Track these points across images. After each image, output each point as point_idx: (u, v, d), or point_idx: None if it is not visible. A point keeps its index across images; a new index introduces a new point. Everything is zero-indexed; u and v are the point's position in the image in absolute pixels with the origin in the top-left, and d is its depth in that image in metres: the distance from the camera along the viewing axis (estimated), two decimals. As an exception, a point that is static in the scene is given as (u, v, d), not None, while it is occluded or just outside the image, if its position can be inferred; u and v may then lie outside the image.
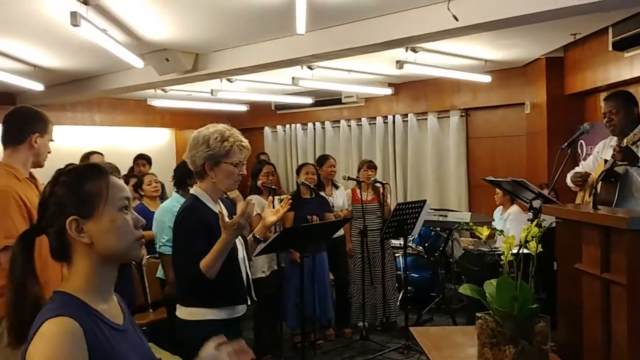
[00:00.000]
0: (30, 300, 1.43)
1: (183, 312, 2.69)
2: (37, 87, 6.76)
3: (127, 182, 5.49)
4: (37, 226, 1.49)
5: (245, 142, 2.75)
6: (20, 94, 8.30)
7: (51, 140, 3.08)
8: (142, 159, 7.63)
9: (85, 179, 1.47)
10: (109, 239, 1.45)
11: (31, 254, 1.48)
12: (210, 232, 2.60)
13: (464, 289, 2.42)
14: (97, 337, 1.37)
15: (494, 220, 6.43)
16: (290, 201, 3.05)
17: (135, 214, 1.54)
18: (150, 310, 5.24)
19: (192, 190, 2.77)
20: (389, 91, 8.55)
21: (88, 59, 6.21)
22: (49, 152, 3.09)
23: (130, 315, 1.60)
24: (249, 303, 2.81)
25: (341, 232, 5.79)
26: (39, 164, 3.05)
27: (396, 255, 6.56)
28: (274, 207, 5.08)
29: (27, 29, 4.96)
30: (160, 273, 4.83)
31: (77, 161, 6.37)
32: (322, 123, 10.10)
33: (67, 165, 5.24)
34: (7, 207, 2.80)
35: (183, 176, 4.52)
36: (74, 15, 3.96)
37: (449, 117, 8.50)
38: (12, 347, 1.42)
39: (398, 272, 6.39)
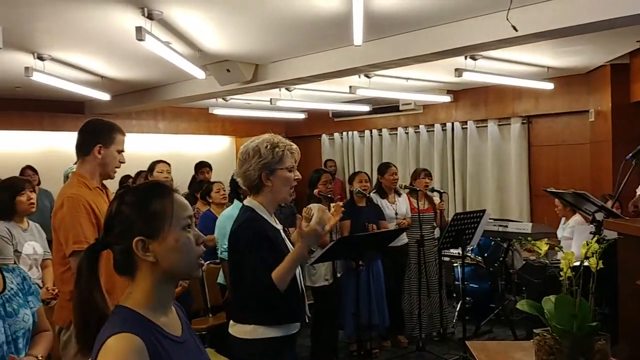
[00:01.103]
0: (95, 312, 1.48)
1: (240, 330, 2.57)
2: (104, 97, 7.03)
3: (196, 191, 5.63)
4: (103, 241, 1.52)
5: (295, 146, 2.70)
6: (88, 104, 8.65)
7: (119, 150, 3.11)
8: (206, 166, 7.84)
9: (151, 198, 1.49)
10: (173, 257, 1.48)
11: (96, 268, 1.52)
12: (270, 244, 2.56)
13: (522, 305, 2.38)
14: (158, 351, 1.40)
15: (557, 231, 6.26)
16: (342, 209, 2.96)
17: (197, 230, 1.56)
18: (210, 315, 5.35)
19: (246, 203, 2.68)
20: (447, 98, 8.46)
21: (152, 70, 6.43)
22: (121, 162, 3.14)
23: (188, 325, 1.63)
24: (307, 321, 2.75)
25: (404, 240, 5.75)
26: (107, 175, 3.12)
27: (454, 265, 6.47)
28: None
29: (96, 42, 5.19)
30: (221, 279, 4.93)
31: (144, 168, 6.63)
32: (379, 130, 10.09)
33: (139, 173, 5.35)
34: (77, 214, 2.90)
35: (236, 187, 4.61)
36: (139, 30, 4.11)
37: (509, 124, 8.35)
38: (81, 355, 1.49)
39: (456, 283, 6.30)
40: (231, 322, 2.63)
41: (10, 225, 3.98)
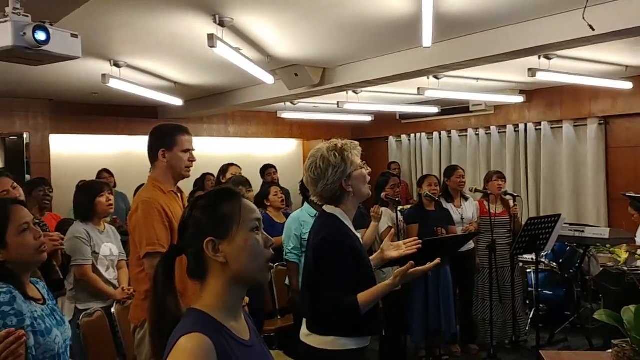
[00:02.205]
0: (169, 316, 1.54)
1: (317, 340, 2.54)
2: (177, 102, 7.23)
3: (266, 194, 5.71)
4: (178, 247, 1.60)
5: (355, 142, 2.68)
6: (162, 109, 8.93)
7: (185, 150, 3.16)
8: (271, 167, 7.96)
9: (221, 201, 1.57)
10: (242, 258, 1.53)
11: (172, 273, 1.59)
12: (357, 256, 2.55)
13: (600, 315, 2.29)
14: (227, 352, 1.45)
15: (636, 237, 5.98)
16: (419, 245, 2.92)
17: (265, 234, 1.61)
18: (278, 317, 5.41)
19: (328, 210, 2.64)
20: (520, 99, 8.24)
21: (223, 75, 6.57)
22: (190, 160, 3.19)
23: (256, 332, 1.67)
24: (383, 334, 2.79)
25: (470, 245, 5.65)
26: (179, 176, 3.20)
27: (527, 271, 6.29)
28: (397, 217, 5.15)
29: (169, 49, 5.35)
30: (288, 280, 4.98)
31: (214, 170, 6.78)
32: (449, 132, 9.93)
33: (204, 175, 5.47)
34: (151, 216, 3.00)
35: (305, 190, 4.65)
36: (210, 37, 4.21)
37: (586, 125, 8.04)
38: (155, 355, 1.55)
39: (529, 289, 6.12)
40: (306, 331, 2.60)
41: (89, 228, 4.14)
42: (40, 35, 2.66)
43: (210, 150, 9.23)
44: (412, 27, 4.50)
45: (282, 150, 10.80)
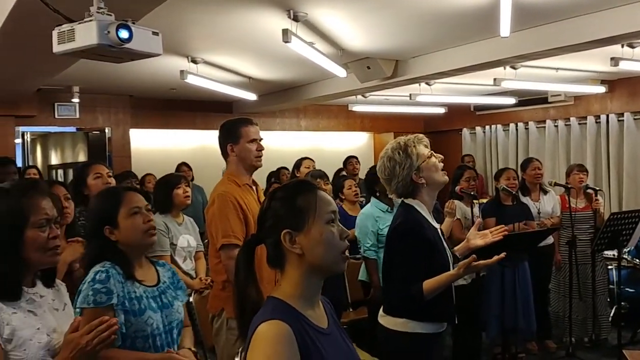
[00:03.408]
0: (251, 304, 1.59)
1: (390, 322, 2.67)
2: (251, 97, 7.35)
3: (340, 188, 5.73)
4: (257, 237, 1.65)
5: (418, 135, 2.76)
6: (236, 103, 9.10)
7: (251, 141, 3.19)
8: (354, 158, 7.96)
9: (297, 194, 1.60)
10: (318, 250, 1.56)
11: (252, 262, 1.64)
12: (432, 247, 2.62)
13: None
14: (305, 340, 1.49)
15: None
16: (506, 232, 2.90)
17: (341, 226, 1.63)
18: (351, 310, 5.42)
19: (407, 202, 2.73)
20: (601, 89, 7.90)
21: (296, 70, 6.62)
22: (259, 150, 3.22)
23: (334, 319, 1.70)
24: (456, 322, 2.80)
25: (549, 240, 5.47)
26: (251, 167, 3.24)
27: (609, 267, 6.04)
28: (472, 213, 5.04)
29: (244, 45, 5.45)
30: (363, 275, 4.97)
31: (287, 164, 6.88)
32: (526, 124, 9.63)
33: (279, 169, 5.56)
34: (226, 209, 3.07)
35: (371, 184, 4.63)
36: (285, 32, 4.25)
37: (672, 115, 7.64)
38: (241, 341, 1.62)
39: (611, 286, 5.88)
40: (381, 312, 2.73)
41: (167, 220, 4.27)
42: (123, 34, 2.74)
43: (283, 144, 9.35)
44: (488, 17, 4.40)
45: (353, 144, 10.79)
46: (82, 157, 9.68)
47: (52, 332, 1.84)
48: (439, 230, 2.76)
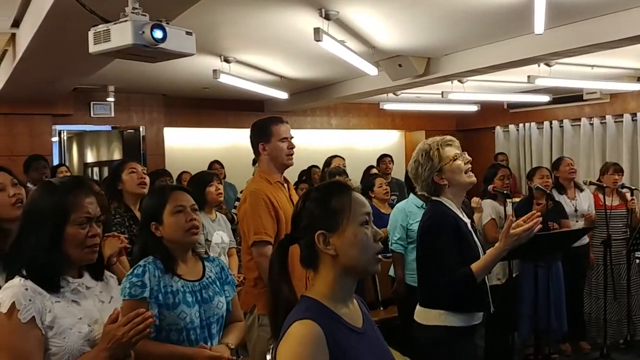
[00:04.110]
0: (284, 302, 1.60)
1: (424, 316, 2.75)
2: (282, 95, 7.39)
3: (371, 186, 5.72)
4: (291, 236, 1.67)
5: (447, 137, 2.83)
6: (268, 102, 9.15)
7: (282, 139, 3.21)
8: (388, 157, 7.94)
9: (332, 195, 1.61)
10: (351, 252, 1.57)
11: (286, 261, 1.65)
12: (462, 239, 2.69)
13: None
14: (338, 339, 1.49)
15: None
16: (539, 217, 2.86)
17: (375, 227, 1.63)
18: (381, 308, 5.41)
19: (434, 199, 2.83)
20: (638, 86, 7.72)
21: (327, 68, 6.63)
22: (290, 148, 3.24)
23: (369, 318, 1.70)
24: (491, 311, 2.81)
25: (584, 240, 5.37)
26: (282, 165, 3.27)
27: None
28: (505, 212, 4.98)
29: (276, 44, 5.48)
30: (391, 271, 4.96)
31: (317, 162, 6.89)
32: (560, 122, 9.49)
33: (310, 168, 5.56)
34: (257, 207, 3.11)
35: (409, 181, 4.61)
36: (316, 31, 4.26)
37: None
38: (273, 340, 1.62)
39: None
40: (417, 308, 2.80)
41: (201, 216, 4.31)
42: (158, 34, 2.78)
43: (313, 142, 9.37)
44: (522, 13, 4.35)
45: (384, 142, 10.74)
46: (117, 155, 9.83)
47: (93, 323, 1.89)
48: (469, 224, 2.81)
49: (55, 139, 8.21)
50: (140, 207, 3.29)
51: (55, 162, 7.83)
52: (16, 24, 4.66)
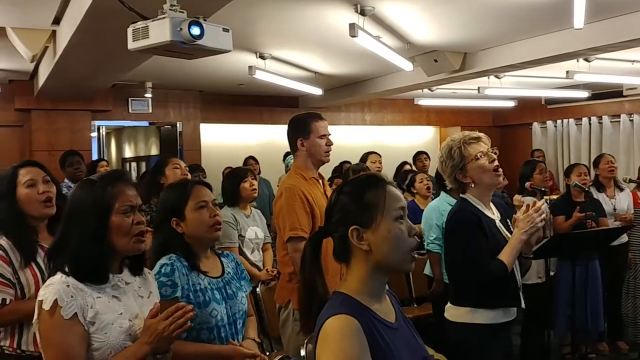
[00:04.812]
0: (316, 297, 1.60)
1: (455, 314, 2.71)
2: (317, 91, 7.39)
3: (412, 182, 5.70)
4: (325, 229, 1.65)
5: (474, 133, 2.75)
6: (302, 98, 9.17)
7: (321, 136, 3.23)
8: (424, 154, 7.88)
9: (366, 189, 1.58)
10: (385, 247, 1.54)
11: (319, 254, 1.64)
12: (484, 233, 2.63)
13: None
14: (373, 334, 1.48)
15: None
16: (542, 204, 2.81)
17: (410, 222, 1.60)
18: (415, 305, 5.39)
19: (462, 196, 2.79)
20: (680, 82, 7.53)
21: (362, 64, 6.62)
22: (328, 145, 3.26)
23: (402, 313, 1.69)
24: (522, 306, 2.74)
25: (623, 238, 5.26)
26: (319, 162, 3.29)
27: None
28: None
29: (311, 40, 5.49)
30: (427, 270, 4.93)
31: (353, 159, 6.87)
32: (599, 118, 9.29)
33: (342, 163, 5.54)
34: (293, 202, 3.12)
35: (441, 179, 4.58)
36: (352, 26, 4.25)
37: None
38: (304, 333, 1.64)
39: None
40: (447, 305, 2.76)
41: (235, 212, 4.37)
42: (195, 30, 2.80)
43: (347, 139, 9.35)
44: (561, 8, 4.29)
45: (419, 138, 10.67)
46: (154, 151, 9.99)
47: (134, 317, 1.90)
48: (496, 221, 2.74)
49: (94, 134, 8.37)
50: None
51: (94, 157, 7.97)
52: (57, 21, 4.75)
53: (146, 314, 1.91)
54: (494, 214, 2.77)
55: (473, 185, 2.70)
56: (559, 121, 9.97)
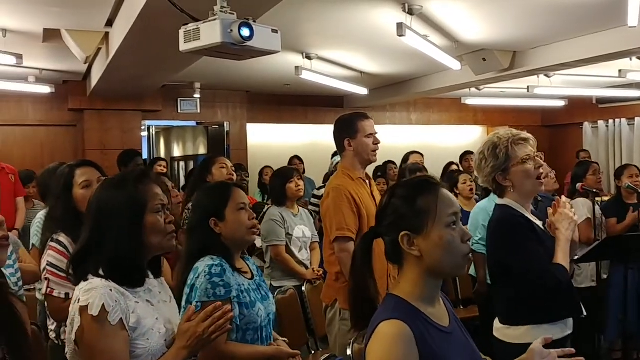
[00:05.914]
0: (366, 296, 1.60)
1: (509, 334, 2.45)
2: (362, 91, 7.39)
3: (455, 183, 5.64)
4: (376, 231, 1.63)
5: (523, 134, 2.51)
6: (347, 98, 9.18)
7: (368, 135, 3.21)
8: (471, 153, 7.79)
9: (418, 193, 1.55)
10: (437, 254, 1.52)
11: (370, 255, 1.63)
12: (539, 238, 2.47)
13: None
14: (425, 339, 1.46)
15: None
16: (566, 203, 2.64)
17: (463, 227, 1.57)
18: (461, 307, 5.33)
19: (499, 202, 2.57)
20: None
21: (408, 63, 6.59)
22: (375, 144, 3.24)
23: (455, 317, 1.66)
24: (583, 314, 2.54)
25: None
26: (367, 161, 3.28)
27: None
28: (595, 210, 4.78)
29: (357, 40, 5.49)
30: (472, 270, 4.88)
31: (396, 158, 6.83)
32: (653, 118, 9.03)
33: (386, 163, 5.49)
34: (340, 202, 3.12)
35: None
36: (399, 26, 4.24)
37: None
38: (354, 332, 1.65)
39: None
40: (498, 324, 2.53)
41: (282, 210, 4.41)
42: (245, 32, 2.82)
43: (393, 139, 9.28)
44: (615, 6, 4.20)
45: (466, 138, 10.52)
46: (202, 150, 10.15)
47: (167, 322, 1.85)
48: (539, 226, 2.55)
49: (144, 133, 8.55)
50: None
51: (144, 156, 8.14)
52: (110, 23, 4.88)
53: (173, 319, 1.88)
54: (535, 219, 2.56)
55: (512, 190, 2.48)
56: (610, 121, 9.72)
